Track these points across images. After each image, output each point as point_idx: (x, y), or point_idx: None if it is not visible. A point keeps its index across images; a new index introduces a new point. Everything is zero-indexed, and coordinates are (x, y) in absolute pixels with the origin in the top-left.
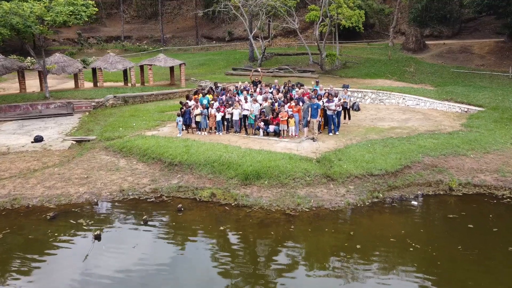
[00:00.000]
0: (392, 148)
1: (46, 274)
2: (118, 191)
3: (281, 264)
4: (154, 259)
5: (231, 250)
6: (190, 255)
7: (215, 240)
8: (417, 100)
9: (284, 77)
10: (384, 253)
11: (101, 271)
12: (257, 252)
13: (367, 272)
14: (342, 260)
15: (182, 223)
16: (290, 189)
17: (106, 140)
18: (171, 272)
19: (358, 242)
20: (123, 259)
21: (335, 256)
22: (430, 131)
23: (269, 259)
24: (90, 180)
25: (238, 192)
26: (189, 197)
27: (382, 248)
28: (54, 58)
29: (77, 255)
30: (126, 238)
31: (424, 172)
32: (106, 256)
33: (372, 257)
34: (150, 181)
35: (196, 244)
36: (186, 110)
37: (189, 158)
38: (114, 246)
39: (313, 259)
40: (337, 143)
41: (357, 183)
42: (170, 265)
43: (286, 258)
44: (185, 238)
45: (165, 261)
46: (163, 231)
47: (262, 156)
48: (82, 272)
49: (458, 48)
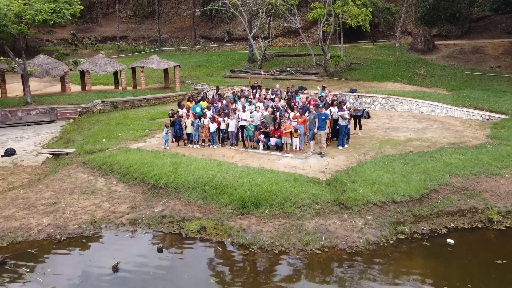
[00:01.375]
0: (414, 166)
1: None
2: (89, 223)
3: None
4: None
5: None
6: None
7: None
8: (432, 106)
9: (285, 80)
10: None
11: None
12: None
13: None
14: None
15: (159, 274)
16: (296, 221)
17: (86, 153)
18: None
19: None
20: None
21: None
22: (453, 144)
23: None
24: (58, 208)
25: (233, 225)
26: (173, 231)
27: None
28: (38, 60)
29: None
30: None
31: (454, 197)
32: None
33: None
34: (129, 208)
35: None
36: (176, 119)
37: (176, 180)
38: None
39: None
40: (349, 159)
41: (376, 213)
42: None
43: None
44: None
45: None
46: (133, 284)
47: (262, 177)
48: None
49: (470, 49)
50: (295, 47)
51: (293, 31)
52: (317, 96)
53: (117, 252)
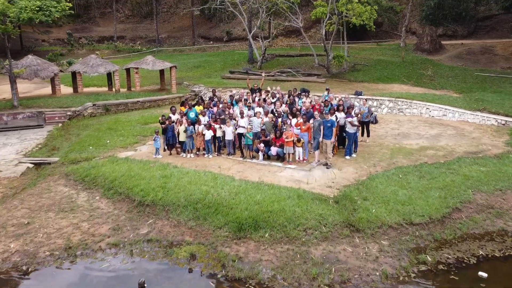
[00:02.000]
0: (431, 180)
1: None
2: (63, 249)
3: None
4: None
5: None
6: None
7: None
8: (443, 110)
9: (286, 82)
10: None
11: None
12: None
13: None
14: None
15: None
16: (301, 247)
17: (70, 163)
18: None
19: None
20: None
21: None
22: (471, 153)
23: None
24: (31, 229)
25: (228, 252)
26: (159, 260)
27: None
28: (26, 60)
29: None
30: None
31: (478, 217)
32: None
33: None
34: (111, 230)
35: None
36: (168, 126)
37: (165, 197)
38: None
39: None
40: (358, 171)
41: (393, 237)
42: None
43: None
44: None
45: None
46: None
47: (261, 194)
48: None
49: (479, 49)
50: (296, 47)
51: (294, 31)
52: (321, 101)
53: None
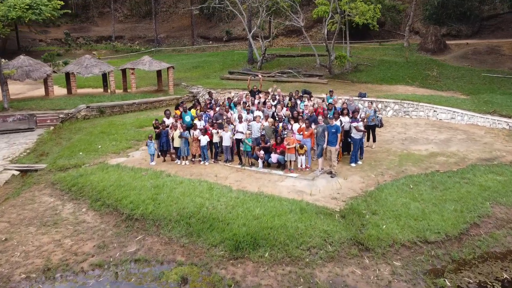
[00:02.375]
0: (445, 191)
1: None
2: (41, 271)
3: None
4: None
5: None
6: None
7: None
8: (451, 113)
9: (287, 83)
10: None
11: None
12: None
13: None
14: None
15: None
16: (304, 269)
17: (58, 170)
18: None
19: None
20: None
21: None
22: (484, 160)
23: None
24: (8, 247)
25: (224, 275)
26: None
27: None
28: (18, 61)
29: None
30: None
31: (499, 233)
32: None
33: None
34: (96, 248)
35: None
36: (162, 131)
37: (156, 210)
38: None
39: None
40: (365, 181)
41: (406, 257)
42: None
43: None
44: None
45: None
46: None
47: (261, 207)
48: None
49: (485, 49)
50: (297, 47)
51: (295, 30)
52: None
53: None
